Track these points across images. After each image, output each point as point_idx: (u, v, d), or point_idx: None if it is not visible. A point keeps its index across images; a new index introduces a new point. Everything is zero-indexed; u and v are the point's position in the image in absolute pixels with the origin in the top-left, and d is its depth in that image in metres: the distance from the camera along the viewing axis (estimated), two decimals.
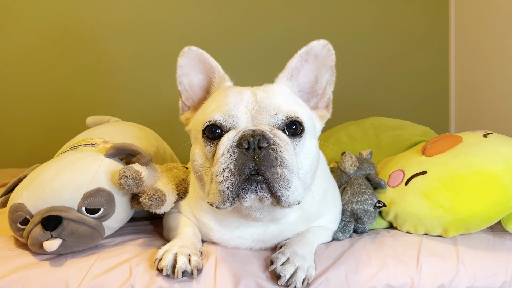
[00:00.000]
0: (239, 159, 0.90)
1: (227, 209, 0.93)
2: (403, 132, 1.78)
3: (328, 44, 1.08)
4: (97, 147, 1.28)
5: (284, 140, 0.95)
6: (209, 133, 0.98)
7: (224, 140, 0.94)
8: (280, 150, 0.91)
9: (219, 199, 0.90)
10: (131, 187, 1.08)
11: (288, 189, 0.90)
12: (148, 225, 1.34)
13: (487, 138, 1.28)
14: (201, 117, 1.05)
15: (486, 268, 1.06)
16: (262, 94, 1.01)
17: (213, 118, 0.98)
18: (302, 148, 0.99)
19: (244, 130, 0.94)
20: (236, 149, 0.91)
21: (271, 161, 0.89)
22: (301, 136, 0.99)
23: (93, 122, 1.80)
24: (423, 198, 1.19)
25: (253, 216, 1.00)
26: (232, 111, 0.98)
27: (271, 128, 0.96)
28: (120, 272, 1.01)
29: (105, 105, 2.79)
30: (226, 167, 0.90)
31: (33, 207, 1.06)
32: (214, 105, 1.03)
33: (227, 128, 0.97)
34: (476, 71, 2.70)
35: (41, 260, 1.05)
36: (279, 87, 1.08)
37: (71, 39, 2.76)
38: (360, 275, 1.03)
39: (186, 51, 1.11)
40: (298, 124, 0.99)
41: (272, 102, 0.99)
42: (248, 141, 0.90)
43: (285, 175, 0.90)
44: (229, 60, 2.79)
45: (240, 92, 1.02)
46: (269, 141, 0.91)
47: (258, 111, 0.98)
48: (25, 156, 2.77)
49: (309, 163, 0.99)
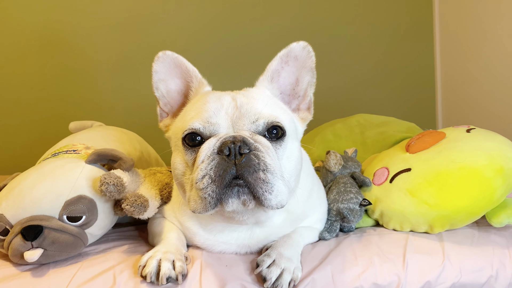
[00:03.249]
0: (219, 166, 0.88)
1: (210, 214, 0.91)
2: (388, 128, 1.78)
3: (307, 46, 1.06)
4: (79, 153, 1.26)
5: (266, 145, 0.94)
6: (189, 141, 0.97)
7: (205, 147, 0.92)
8: (262, 155, 0.90)
9: (200, 206, 0.89)
10: (113, 193, 1.06)
11: (271, 193, 0.89)
12: (133, 231, 1.32)
13: (470, 133, 1.28)
14: (180, 125, 1.03)
15: (471, 263, 1.07)
16: (242, 99, 0.99)
17: (193, 126, 0.96)
18: (284, 151, 0.98)
19: (225, 137, 0.92)
20: (217, 155, 0.90)
21: (253, 166, 0.88)
22: (282, 140, 0.98)
23: (76, 128, 1.78)
24: (408, 195, 1.20)
25: (236, 218, 0.99)
26: (212, 118, 0.96)
27: (251, 134, 0.95)
28: (103, 280, 0.99)
29: (89, 109, 2.76)
30: (206, 173, 0.89)
31: (12, 217, 1.04)
32: (193, 112, 1.01)
33: (207, 135, 0.96)
34: (462, 67, 2.72)
35: (22, 271, 1.03)
36: (259, 91, 1.06)
37: (52, 43, 2.72)
38: (347, 275, 1.02)
39: (161, 56, 1.07)
40: (279, 129, 0.98)
41: (252, 107, 0.98)
42: (228, 147, 0.89)
43: (268, 179, 0.89)
44: (211, 60, 2.79)
45: (219, 98, 1.00)
46: (250, 147, 0.90)
47: (239, 117, 0.96)
48: (9, 162, 2.72)
49: (292, 166, 0.98)
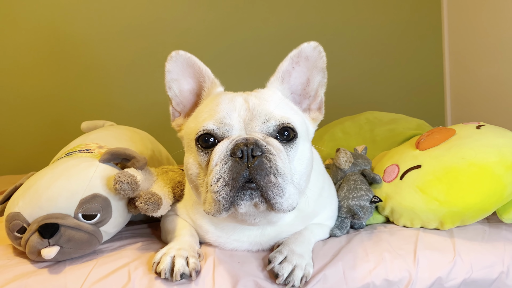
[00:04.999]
0: (233, 169, 0.90)
1: (223, 216, 0.93)
2: (397, 126, 1.78)
3: (318, 46, 1.06)
4: (92, 153, 1.28)
5: (278, 147, 0.94)
6: (203, 142, 0.97)
7: (218, 149, 0.93)
8: (273, 158, 0.91)
9: (214, 208, 0.91)
10: (127, 191, 1.08)
11: (282, 197, 0.90)
12: (146, 229, 1.34)
13: (480, 129, 1.28)
14: (193, 125, 1.04)
15: (482, 259, 1.07)
16: (254, 100, 1.00)
17: (206, 127, 0.97)
18: (296, 153, 0.99)
19: (237, 139, 0.93)
20: (230, 158, 0.91)
21: (265, 170, 0.89)
22: (294, 141, 0.99)
23: (88, 127, 1.80)
24: (418, 192, 1.20)
25: (249, 221, 1.01)
26: (225, 119, 0.97)
27: (264, 135, 0.96)
28: (118, 277, 1.01)
29: (100, 109, 2.79)
30: (220, 176, 0.90)
31: (29, 216, 1.06)
32: (206, 113, 1.02)
33: (220, 136, 0.97)
34: (471, 63, 2.70)
35: (39, 268, 1.05)
36: (271, 92, 1.07)
37: (64, 44, 2.75)
38: (358, 271, 1.03)
39: (174, 56, 1.08)
40: (290, 130, 0.98)
41: (264, 109, 0.98)
42: (241, 150, 0.90)
43: (279, 183, 0.90)
44: (222, 60, 2.80)
45: (232, 100, 1.01)
46: (263, 150, 0.91)
47: (251, 118, 0.97)
48: (23, 162, 2.77)
49: (303, 168, 0.99)
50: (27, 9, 2.71)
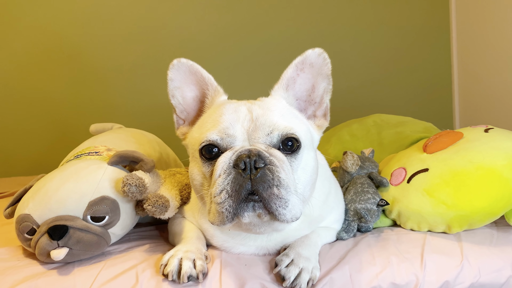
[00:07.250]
0: (235, 180, 0.90)
1: (227, 227, 0.94)
2: (405, 129, 1.78)
3: (323, 53, 1.06)
4: (100, 155, 1.29)
5: (281, 159, 0.94)
6: (206, 153, 0.98)
7: (221, 161, 0.94)
8: (276, 170, 0.91)
9: (218, 219, 0.91)
10: (135, 194, 1.09)
11: (285, 208, 0.90)
12: (153, 231, 1.35)
13: (488, 133, 1.28)
14: (197, 136, 1.03)
15: (490, 264, 1.06)
16: (258, 110, 1.00)
17: (210, 138, 0.97)
18: (300, 163, 0.99)
19: (240, 150, 0.93)
20: (233, 169, 0.91)
21: (267, 182, 0.89)
22: (297, 152, 0.98)
23: (97, 130, 1.82)
24: (425, 195, 1.20)
25: (254, 230, 1.02)
26: (229, 130, 0.97)
27: (267, 147, 0.96)
28: (126, 279, 1.02)
29: (108, 112, 2.82)
30: (223, 188, 0.90)
31: (39, 217, 1.08)
32: (210, 123, 1.01)
33: (223, 147, 0.97)
34: (479, 65, 2.69)
35: (49, 269, 1.06)
36: (275, 101, 1.06)
37: (73, 49, 2.78)
38: (365, 274, 1.03)
39: (175, 64, 1.08)
40: (294, 141, 0.98)
41: (267, 119, 0.98)
42: (244, 161, 0.90)
43: (282, 195, 0.90)
44: (228, 65, 2.81)
45: (235, 110, 1.01)
46: (265, 161, 0.91)
47: (254, 129, 0.97)
48: (33, 164, 2.80)
49: (307, 177, 0.99)
50: (35, 14, 2.74)
